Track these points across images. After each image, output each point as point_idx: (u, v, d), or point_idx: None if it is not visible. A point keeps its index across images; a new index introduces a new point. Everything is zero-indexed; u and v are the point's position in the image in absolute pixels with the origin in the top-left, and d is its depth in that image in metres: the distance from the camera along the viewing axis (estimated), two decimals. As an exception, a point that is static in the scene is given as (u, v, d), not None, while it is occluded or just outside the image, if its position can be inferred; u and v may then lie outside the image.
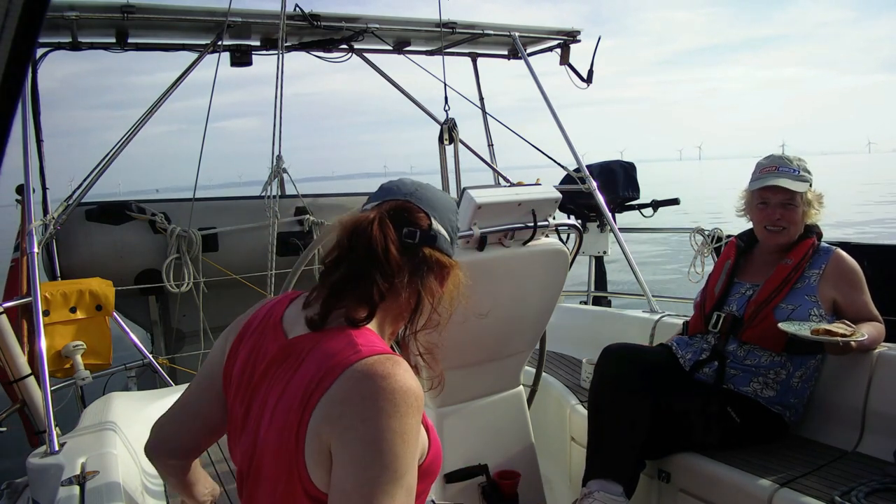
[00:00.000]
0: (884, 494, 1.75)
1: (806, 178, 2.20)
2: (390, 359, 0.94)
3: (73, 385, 2.94)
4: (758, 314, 2.13)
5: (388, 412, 0.88)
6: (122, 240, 4.22)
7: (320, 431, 0.91)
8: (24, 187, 2.72)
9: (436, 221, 1.11)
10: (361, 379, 0.91)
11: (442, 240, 1.11)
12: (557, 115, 4.03)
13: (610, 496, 1.98)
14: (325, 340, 0.99)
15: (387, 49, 4.27)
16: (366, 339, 0.98)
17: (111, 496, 1.55)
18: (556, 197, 1.93)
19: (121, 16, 3.23)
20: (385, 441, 0.87)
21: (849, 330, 1.94)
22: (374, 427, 0.88)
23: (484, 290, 1.86)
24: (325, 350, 0.97)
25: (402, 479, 0.88)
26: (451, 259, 1.14)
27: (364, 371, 0.92)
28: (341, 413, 0.90)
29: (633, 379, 2.10)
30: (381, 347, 0.97)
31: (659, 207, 4.82)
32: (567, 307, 3.63)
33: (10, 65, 0.47)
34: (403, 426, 0.88)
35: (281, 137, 3.36)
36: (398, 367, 0.93)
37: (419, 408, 0.92)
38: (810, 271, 2.15)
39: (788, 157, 2.26)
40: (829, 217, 2.36)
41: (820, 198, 2.25)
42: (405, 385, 0.91)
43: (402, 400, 0.89)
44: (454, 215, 1.17)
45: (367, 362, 0.92)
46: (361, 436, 0.88)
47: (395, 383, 0.90)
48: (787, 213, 2.18)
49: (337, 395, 0.91)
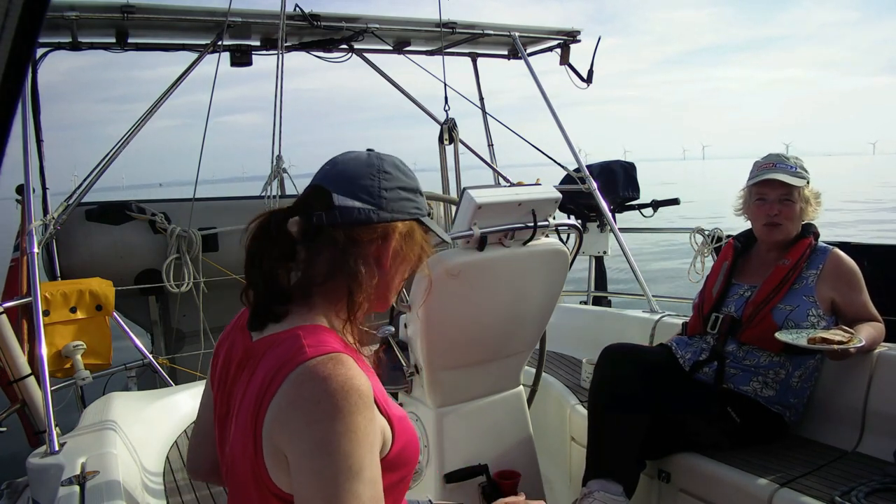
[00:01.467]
0: (884, 494, 1.75)
1: (803, 175, 2.20)
2: (332, 358, 0.93)
3: (73, 385, 2.94)
4: (756, 315, 2.13)
5: (331, 414, 0.88)
6: (122, 240, 4.22)
7: (272, 435, 0.92)
8: (24, 187, 2.72)
9: (339, 197, 1.01)
10: (304, 382, 0.91)
11: (350, 212, 1.01)
12: (557, 115, 4.03)
13: (610, 496, 1.98)
14: (276, 343, 0.98)
15: (387, 49, 4.27)
16: (315, 338, 0.97)
17: (111, 496, 1.55)
18: (557, 197, 1.93)
19: (121, 16, 3.23)
20: (332, 443, 0.87)
21: (846, 336, 1.93)
22: (321, 430, 0.88)
23: (484, 290, 1.86)
24: (275, 353, 0.97)
25: (360, 474, 0.87)
26: (380, 223, 1.03)
27: (306, 374, 0.91)
28: (288, 418, 0.91)
29: (632, 379, 2.10)
30: (326, 347, 0.95)
31: (659, 207, 4.82)
32: (567, 307, 3.63)
33: (10, 65, 0.47)
34: (350, 425, 0.88)
35: (281, 137, 3.36)
36: (339, 366, 0.92)
37: (365, 404, 0.91)
38: (808, 271, 2.15)
39: (786, 155, 2.27)
40: (830, 218, 2.37)
41: (817, 196, 2.25)
42: (345, 385, 0.90)
43: (344, 399, 0.89)
44: (372, 177, 1.04)
45: (309, 365, 0.92)
46: (309, 441, 0.88)
47: (335, 384, 0.90)
48: (784, 208, 2.19)
49: (283, 400, 0.91)
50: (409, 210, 1.07)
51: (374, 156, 1.08)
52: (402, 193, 1.06)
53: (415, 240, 1.08)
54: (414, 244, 1.08)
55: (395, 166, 1.08)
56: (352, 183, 1.03)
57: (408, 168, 1.11)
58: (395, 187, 1.06)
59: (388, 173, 1.05)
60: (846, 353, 1.92)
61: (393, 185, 1.05)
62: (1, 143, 0.51)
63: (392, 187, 1.05)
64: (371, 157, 1.07)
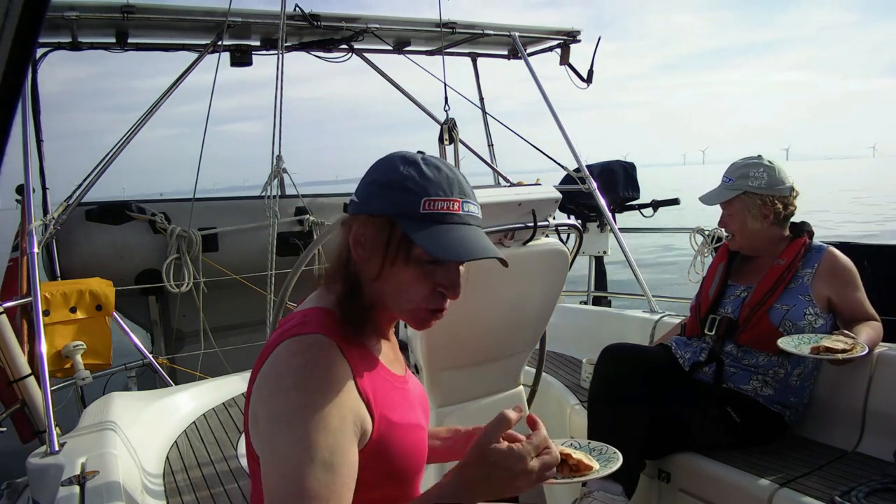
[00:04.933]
0: (884, 494, 1.75)
1: (737, 186, 2.20)
2: (310, 338, 0.96)
3: (73, 385, 2.94)
4: (753, 316, 2.13)
5: (288, 386, 0.91)
6: (122, 240, 4.22)
7: (252, 404, 0.97)
8: (24, 187, 2.72)
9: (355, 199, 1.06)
10: (279, 357, 0.95)
11: (352, 207, 1.06)
12: (557, 115, 4.03)
13: (609, 496, 1.99)
14: (291, 317, 1.04)
15: (387, 49, 4.27)
16: (311, 319, 1.00)
17: (111, 496, 1.55)
18: (557, 197, 1.93)
19: (121, 16, 3.24)
20: (287, 415, 0.89)
21: (849, 343, 1.91)
22: (278, 401, 0.91)
23: (484, 290, 1.86)
24: (282, 326, 1.02)
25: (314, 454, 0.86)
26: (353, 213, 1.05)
27: (284, 349, 0.95)
28: (259, 386, 0.96)
29: (632, 379, 2.10)
30: (313, 327, 0.97)
31: (659, 207, 4.82)
32: (567, 307, 3.63)
33: (10, 65, 0.47)
34: (306, 401, 0.89)
35: (281, 137, 3.36)
36: (313, 346, 0.95)
37: (330, 388, 0.91)
38: (803, 270, 2.15)
39: (736, 164, 2.26)
40: (830, 218, 2.36)
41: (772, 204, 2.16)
42: (312, 363, 0.93)
43: (308, 376, 0.91)
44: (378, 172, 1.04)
45: (289, 341, 0.96)
46: (269, 410, 0.92)
47: (303, 360, 0.93)
48: (727, 220, 2.26)
49: (265, 368, 0.97)
50: (375, 205, 1.02)
51: (398, 154, 1.06)
52: (371, 188, 1.03)
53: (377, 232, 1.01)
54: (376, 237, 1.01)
55: (388, 161, 1.04)
56: (360, 188, 1.07)
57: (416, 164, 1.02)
58: (372, 180, 1.04)
59: (374, 169, 1.05)
60: (849, 361, 1.91)
61: (372, 178, 1.04)
62: (1, 143, 0.51)
63: (370, 181, 1.04)
64: (392, 155, 1.07)
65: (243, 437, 2.28)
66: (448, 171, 1.03)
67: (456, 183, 1.02)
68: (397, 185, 1.01)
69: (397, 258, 1.01)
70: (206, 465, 2.12)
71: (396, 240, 1.00)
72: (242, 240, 4.47)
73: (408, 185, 1.00)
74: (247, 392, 1.03)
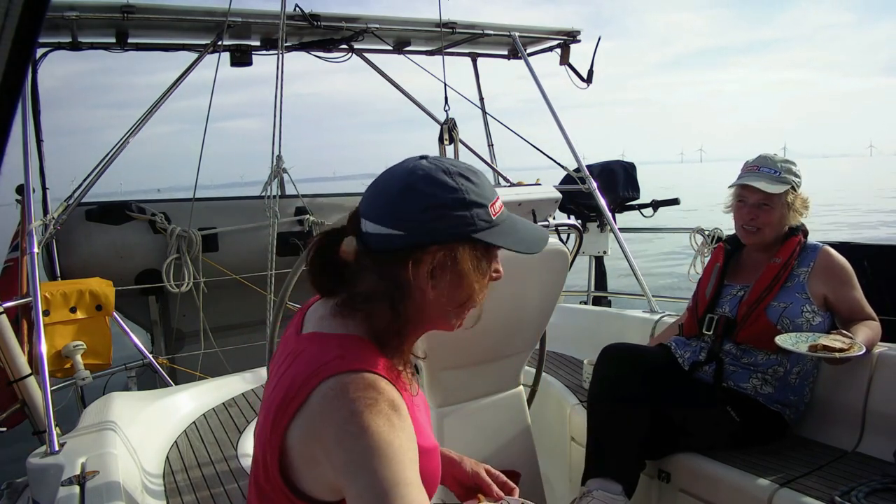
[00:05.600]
0: (884, 494, 1.75)
1: (787, 181, 2.18)
2: (363, 377, 0.90)
3: (73, 385, 2.94)
4: (750, 315, 2.13)
5: (357, 435, 0.85)
6: (122, 240, 4.22)
7: (304, 444, 0.90)
8: (24, 187, 2.72)
9: (366, 223, 0.97)
10: (334, 398, 0.88)
11: (375, 238, 0.96)
12: (557, 114, 4.03)
13: (609, 495, 1.98)
14: (317, 344, 0.96)
15: (387, 49, 4.27)
16: (352, 351, 0.93)
17: (111, 496, 1.55)
18: (557, 197, 1.93)
19: (121, 16, 3.24)
20: (364, 464, 0.84)
21: (846, 342, 1.91)
22: (351, 451, 0.85)
23: (484, 290, 1.86)
24: (311, 356, 0.94)
25: (401, 488, 0.84)
26: (405, 248, 0.95)
27: (336, 388, 0.88)
28: (320, 433, 0.88)
29: (632, 379, 2.10)
30: (360, 364, 0.92)
31: (659, 207, 4.83)
32: (567, 307, 3.63)
33: (10, 65, 0.47)
34: (378, 444, 0.85)
35: (281, 137, 3.36)
36: (369, 388, 0.89)
37: (392, 424, 0.87)
38: (799, 269, 2.15)
39: (773, 158, 2.24)
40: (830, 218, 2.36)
41: (805, 202, 2.23)
42: (373, 405, 0.87)
43: (371, 420, 0.86)
44: (396, 197, 0.96)
45: (339, 379, 0.89)
46: (343, 461, 0.86)
47: (363, 404, 0.87)
48: (761, 213, 2.19)
49: (314, 411, 0.89)
50: (448, 230, 0.95)
51: (409, 170, 0.97)
52: (432, 213, 0.94)
53: (460, 261, 0.96)
54: (461, 266, 0.96)
55: (431, 179, 0.95)
56: (381, 206, 0.97)
57: (458, 176, 0.97)
58: (425, 206, 0.94)
59: (417, 191, 0.94)
60: (846, 360, 1.91)
61: (423, 203, 0.94)
62: (1, 143, 0.51)
63: (421, 207, 0.94)
64: (405, 172, 0.97)
65: (243, 437, 2.28)
66: (477, 171, 1.02)
67: (486, 179, 1.03)
68: (460, 202, 0.95)
69: (487, 274, 1.01)
70: (206, 465, 2.12)
71: (481, 255, 0.99)
72: (242, 240, 4.47)
73: (471, 197, 0.96)
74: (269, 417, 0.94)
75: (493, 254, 1.02)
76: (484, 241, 0.98)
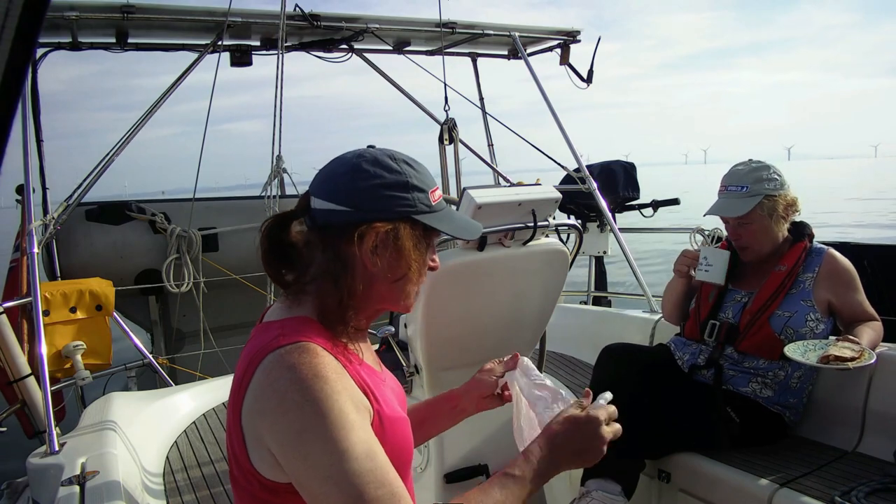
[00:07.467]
0: (884, 494, 1.75)
1: (757, 191, 2.11)
2: (299, 347, 0.94)
3: (73, 385, 2.94)
4: (753, 324, 2.12)
5: (299, 403, 0.90)
6: (122, 240, 4.23)
7: (253, 423, 0.94)
8: (24, 187, 2.72)
9: (316, 200, 1.03)
10: (272, 371, 0.93)
11: (324, 215, 1.02)
12: (557, 114, 4.03)
13: (608, 495, 1.98)
14: (263, 331, 1.01)
15: (387, 49, 4.27)
16: (293, 328, 0.98)
17: (111, 496, 1.56)
18: (557, 197, 1.93)
19: (121, 16, 3.24)
20: (308, 431, 0.89)
21: (856, 350, 1.90)
22: (294, 420, 0.89)
23: (484, 290, 1.86)
24: (259, 338, 1.00)
25: (349, 452, 0.89)
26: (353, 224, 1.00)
27: (274, 362, 0.93)
28: (262, 407, 0.93)
29: (632, 379, 2.09)
30: (298, 336, 0.96)
31: (659, 207, 4.82)
32: (567, 307, 3.63)
33: (10, 65, 0.47)
34: (320, 411, 0.89)
35: (281, 137, 3.36)
36: (305, 354, 0.93)
37: (333, 388, 0.92)
38: (804, 275, 2.13)
39: (741, 171, 2.17)
40: (830, 219, 2.35)
41: (792, 204, 2.16)
42: (311, 373, 0.91)
43: (310, 388, 0.90)
44: (346, 176, 1.02)
45: (277, 353, 0.94)
46: (286, 431, 0.90)
47: (301, 373, 0.91)
48: (744, 232, 2.16)
49: (257, 388, 0.94)
50: (391, 208, 1.02)
51: (357, 154, 1.05)
52: (380, 192, 1.01)
53: (401, 238, 1.02)
54: (401, 242, 1.02)
55: (377, 162, 1.03)
56: (330, 185, 1.03)
57: (402, 162, 1.04)
58: (371, 185, 1.01)
59: (364, 171, 1.01)
60: (859, 370, 1.89)
61: (369, 183, 1.01)
62: (1, 143, 0.51)
63: (367, 186, 1.01)
64: (353, 155, 1.05)
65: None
66: (418, 162, 1.09)
67: (427, 170, 1.09)
68: (403, 185, 1.03)
69: (427, 253, 1.07)
70: (206, 465, 2.12)
71: (420, 236, 1.05)
72: (242, 240, 4.47)
73: (413, 182, 1.04)
74: (229, 405, 1.00)
75: (431, 239, 1.09)
76: (423, 222, 1.05)
